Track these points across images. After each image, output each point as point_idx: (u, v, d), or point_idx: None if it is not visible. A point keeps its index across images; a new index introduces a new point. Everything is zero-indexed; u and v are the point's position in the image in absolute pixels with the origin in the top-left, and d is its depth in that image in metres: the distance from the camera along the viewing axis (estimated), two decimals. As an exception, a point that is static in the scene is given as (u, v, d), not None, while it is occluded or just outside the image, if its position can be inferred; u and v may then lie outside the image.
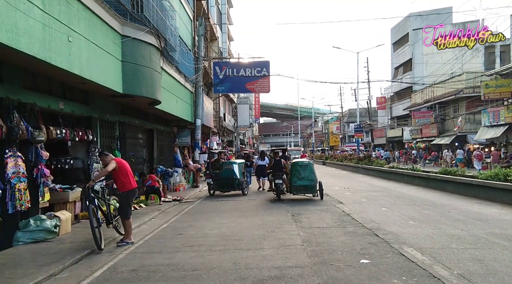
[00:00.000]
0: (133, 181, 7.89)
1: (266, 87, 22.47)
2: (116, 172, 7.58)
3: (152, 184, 13.05)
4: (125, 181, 7.64)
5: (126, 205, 7.66)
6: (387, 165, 24.52)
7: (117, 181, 7.68)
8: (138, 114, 14.57)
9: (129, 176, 7.74)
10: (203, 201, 14.25)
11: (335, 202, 12.74)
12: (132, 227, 7.90)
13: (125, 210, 7.64)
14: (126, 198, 7.66)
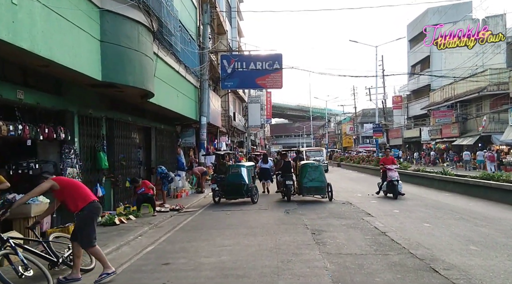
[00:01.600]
0: (90, 194, 5.73)
1: (279, 82, 20.19)
2: (59, 192, 5.45)
3: (145, 191, 10.89)
4: (78, 197, 5.48)
5: (87, 228, 5.49)
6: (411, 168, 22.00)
7: (68, 202, 5.53)
8: (132, 110, 12.46)
9: (80, 190, 5.60)
10: (206, 210, 12.04)
11: (361, 213, 10.42)
12: (102, 253, 5.73)
13: (87, 235, 5.47)
14: (86, 218, 5.49)
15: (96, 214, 5.62)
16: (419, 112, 44.51)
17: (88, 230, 5.48)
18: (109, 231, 8.59)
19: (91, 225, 5.53)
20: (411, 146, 47.49)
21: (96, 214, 5.60)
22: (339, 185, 18.89)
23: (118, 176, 10.89)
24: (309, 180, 12.72)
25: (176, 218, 10.71)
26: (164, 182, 13.10)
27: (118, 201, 11.08)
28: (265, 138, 68.78)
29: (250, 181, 13.29)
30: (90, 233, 5.49)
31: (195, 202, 13.93)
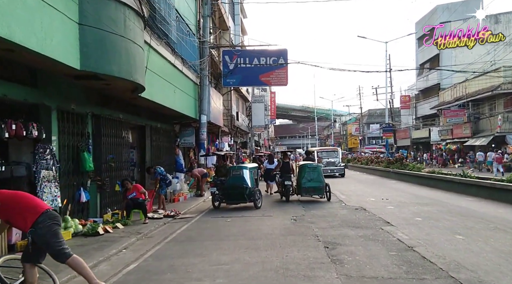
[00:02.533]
0: (41, 203, 4.57)
1: (284, 79, 18.99)
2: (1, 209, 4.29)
3: (136, 196, 9.73)
4: (25, 210, 4.32)
5: (52, 241, 4.33)
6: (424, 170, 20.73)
7: (14, 220, 4.38)
8: (124, 107, 11.33)
9: (28, 201, 4.43)
10: (204, 216, 10.86)
11: (379, 221, 9.19)
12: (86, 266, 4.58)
13: (55, 248, 4.32)
14: (45, 234, 4.31)
15: (56, 224, 4.45)
16: (428, 112, 43.12)
17: (55, 242, 4.32)
18: (89, 242, 7.44)
19: (55, 237, 4.37)
20: (419, 146, 46.11)
21: (55, 223, 4.43)
22: (348, 187, 17.67)
23: (106, 179, 9.75)
24: (307, 180, 12.84)
25: (169, 226, 9.53)
26: (162, 185, 11.94)
27: (105, 206, 9.93)
28: (269, 139, 67.60)
29: (253, 184, 12.11)
30: (55, 245, 4.32)
31: (193, 206, 12.75)
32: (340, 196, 14.36)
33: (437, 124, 41.04)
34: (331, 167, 24.11)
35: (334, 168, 24.29)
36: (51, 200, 7.39)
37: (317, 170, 13.11)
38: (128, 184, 9.77)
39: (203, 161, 16.67)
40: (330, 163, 24.41)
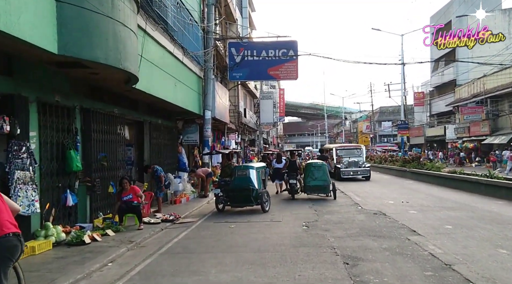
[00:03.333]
0: (4, 223, 3.58)
1: (294, 73, 17.88)
2: None
3: (132, 199, 8.74)
4: None
5: None
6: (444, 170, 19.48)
7: None
8: (118, 100, 10.36)
9: None
10: (206, 221, 9.85)
11: (403, 230, 8.09)
12: None
13: None
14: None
15: (9, 259, 3.46)
16: (443, 109, 41.63)
17: None
18: (71, 254, 6.47)
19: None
20: (433, 144, 44.62)
21: (8, 258, 3.44)
22: (362, 188, 16.53)
23: (96, 180, 8.77)
24: (312, 179, 13.03)
25: (166, 233, 8.54)
26: (159, 186, 10.97)
27: (96, 210, 8.96)
28: (278, 137, 66.48)
29: (260, 186, 11.07)
30: None
31: (195, 209, 11.76)
32: (355, 198, 13.25)
33: (453, 121, 39.57)
34: (353, 167, 20.27)
35: (357, 169, 20.29)
36: (27, 205, 6.44)
37: (322, 168, 13.24)
38: (127, 183, 8.80)
39: (207, 159, 15.66)
40: (353, 163, 20.38)
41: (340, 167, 20.14)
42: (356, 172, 20.23)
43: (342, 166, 20.09)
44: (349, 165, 20.22)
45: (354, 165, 20.31)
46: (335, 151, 22.23)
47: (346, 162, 20.44)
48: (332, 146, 25.75)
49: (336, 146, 24.49)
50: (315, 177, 13.06)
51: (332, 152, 22.17)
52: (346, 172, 20.01)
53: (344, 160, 20.72)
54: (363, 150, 22.85)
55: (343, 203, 12.28)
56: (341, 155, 21.61)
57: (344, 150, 22.79)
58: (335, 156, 21.58)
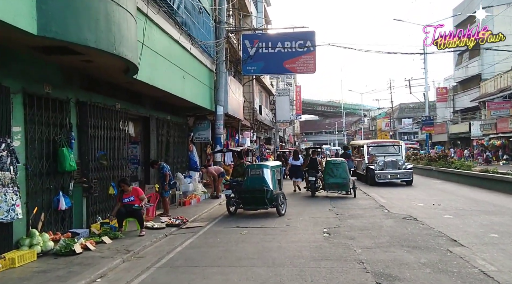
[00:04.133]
0: None
1: (311, 65, 16.78)
2: None
3: (134, 201, 7.85)
4: None
5: None
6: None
7: None
8: (121, 94, 9.51)
9: None
10: (215, 226, 8.88)
11: (442, 238, 6.96)
12: None
13: None
14: None
15: None
16: (467, 104, 39.70)
17: None
18: (56, 267, 5.60)
19: None
20: (457, 142, 42.68)
21: None
22: (387, 189, 15.28)
23: (93, 180, 7.91)
24: (331, 176, 12.93)
25: (170, 240, 7.62)
26: (163, 185, 10.08)
27: (94, 214, 8.10)
28: (295, 135, 65.27)
29: (275, 186, 10.04)
30: None
31: (205, 211, 10.82)
32: (380, 200, 12.10)
33: (478, 118, 37.66)
34: (391, 169, 16.11)
35: (396, 172, 16.05)
36: (6, 210, 5.60)
37: (342, 166, 13.06)
38: (124, 187, 7.90)
39: (220, 157, 14.71)
40: (390, 163, 16.21)
41: (374, 168, 16.12)
42: (394, 175, 16.09)
43: (377, 167, 16.06)
44: (385, 165, 16.18)
45: (392, 165, 16.17)
46: (367, 148, 17.59)
47: (382, 162, 16.23)
48: (363, 142, 20.43)
49: (367, 142, 18.97)
50: (334, 174, 12.95)
51: (363, 149, 17.80)
52: (382, 175, 15.97)
53: (378, 159, 16.42)
54: (402, 147, 17.99)
55: (367, 206, 11.16)
56: (375, 153, 17.25)
57: (378, 147, 18.05)
58: (367, 155, 17.33)
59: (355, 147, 20.83)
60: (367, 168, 17.05)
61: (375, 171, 16.03)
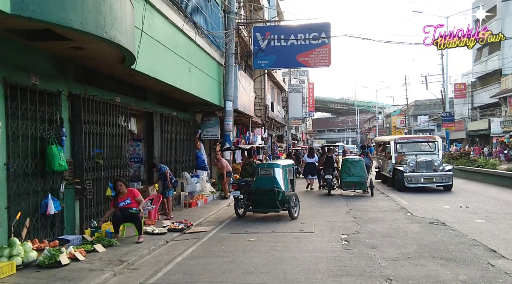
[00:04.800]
0: None
1: (326, 59, 15.83)
2: None
3: (130, 204, 7.10)
4: None
5: None
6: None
7: None
8: (121, 88, 8.80)
9: None
10: (221, 231, 8.07)
11: (477, 248, 6.02)
12: None
13: None
14: None
15: None
16: (487, 101, 38.12)
17: None
18: (34, 283, 4.85)
19: None
20: (475, 139, 41.09)
21: None
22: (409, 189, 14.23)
23: (87, 181, 7.18)
24: (348, 174, 12.60)
25: (171, 248, 6.84)
26: (164, 184, 9.33)
27: (89, 218, 7.37)
28: (307, 133, 64.17)
29: (287, 187, 9.19)
30: None
31: (212, 214, 10.04)
32: (401, 201, 11.14)
33: (498, 114, 36.10)
34: (425, 171, 13.02)
35: (431, 175, 12.95)
36: (-21, 216, 4.87)
37: (359, 164, 12.69)
38: (122, 186, 7.15)
39: (229, 156, 13.91)
40: (424, 163, 13.14)
41: (403, 170, 13.04)
42: (429, 178, 12.96)
43: (407, 169, 13.05)
44: (417, 166, 13.10)
45: (426, 166, 13.08)
46: (394, 145, 14.24)
47: (413, 162, 13.16)
48: (389, 138, 16.71)
49: (395, 138, 15.33)
50: (351, 172, 12.58)
51: (389, 147, 14.54)
52: (413, 178, 12.91)
53: (409, 159, 13.37)
54: (438, 144, 14.30)
55: (387, 208, 10.22)
56: (404, 152, 14.16)
57: (408, 143, 14.66)
58: (394, 153, 14.08)
59: (380, 143, 17.77)
60: (394, 169, 13.84)
61: (405, 173, 12.98)
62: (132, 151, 10.44)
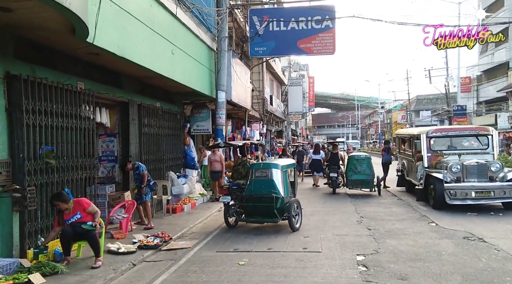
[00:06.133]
0: None
1: (330, 45, 14.10)
2: None
3: (81, 218, 5.42)
4: None
5: None
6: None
7: None
8: (87, 71, 7.12)
9: None
10: (206, 248, 6.40)
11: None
12: None
13: None
14: None
15: None
16: (493, 95, 36.46)
17: None
18: None
19: None
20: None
21: None
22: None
23: (28, 188, 5.49)
24: (354, 172, 11.90)
25: (135, 276, 5.17)
26: (140, 188, 7.68)
27: (33, 235, 5.69)
28: (307, 129, 62.53)
29: (287, 192, 7.52)
30: None
31: (199, 222, 8.39)
32: (419, 207, 9.48)
33: (505, 109, 34.47)
34: (478, 180, 8.88)
35: (488, 186, 8.73)
36: None
37: (366, 161, 11.95)
38: (61, 204, 5.37)
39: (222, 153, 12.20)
40: (476, 168, 8.96)
41: (443, 178, 8.82)
42: (485, 192, 8.68)
43: (449, 176, 8.88)
44: (466, 173, 8.92)
45: (479, 173, 8.91)
46: (427, 140, 10.00)
47: (458, 166, 8.95)
48: (418, 130, 11.46)
49: (428, 130, 10.41)
50: (357, 170, 11.85)
51: (419, 143, 10.39)
52: (459, 190, 8.65)
53: (451, 162, 9.22)
54: (493, 139, 10.01)
55: (405, 215, 8.59)
56: (441, 151, 9.95)
57: (448, 138, 10.19)
58: (426, 153, 9.90)
59: (403, 138, 12.89)
60: (427, 176, 9.58)
61: (445, 183, 8.71)
62: (105, 147, 8.79)
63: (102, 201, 7.97)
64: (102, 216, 7.56)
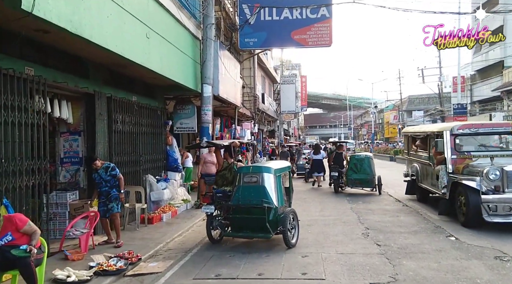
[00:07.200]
0: None
1: (326, 37, 12.87)
2: None
3: (12, 241, 4.05)
4: None
5: None
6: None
7: None
8: (38, 54, 5.77)
9: None
10: (180, 273, 5.08)
11: None
12: None
13: None
14: None
15: None
16: (487, 95, 35.69)
17: None
18: None
19: None
20: (474, 135, 38.62)
21: None
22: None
23: None
24: (354, 172, 11.92)
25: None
26: (113, 194, 6.33)
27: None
28: (299, 129, 61.43)
29: (281, 201, 6.23)
30: None
31: (178, 235, 7.07)
32: (430, 216, 8.26)
33: (500, 109, 33.69)
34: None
35: None
36: None
37: (366, 161, 11.96)
38: None
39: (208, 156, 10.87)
40: None
41: (477, 187, 6.84)
42: None
43: (484, 184, 6.85)
44: (508, 181, 6.80)
45: None
46: (451, 139, 7.99)
47: (496, 172, 6.86)
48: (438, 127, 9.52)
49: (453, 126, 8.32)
50: (357, 169, 11.86)
51: (440, 141, 8.12)
52: (501, 203, 6.70)
53: (484, 165, 7.10)
54: None
55: (416, 226, 7.36)
56: (470, 152, 7.98)
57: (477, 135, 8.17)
58: (451, 155, 7.89)
59: (414, 137, 10.73)
60: (454, 183, 7.57)
61: (482, 195, 6.77)
62: (68, 147, 7.43)
63: (62, 211, 6.66)
64: (62, 229, 6.28)
